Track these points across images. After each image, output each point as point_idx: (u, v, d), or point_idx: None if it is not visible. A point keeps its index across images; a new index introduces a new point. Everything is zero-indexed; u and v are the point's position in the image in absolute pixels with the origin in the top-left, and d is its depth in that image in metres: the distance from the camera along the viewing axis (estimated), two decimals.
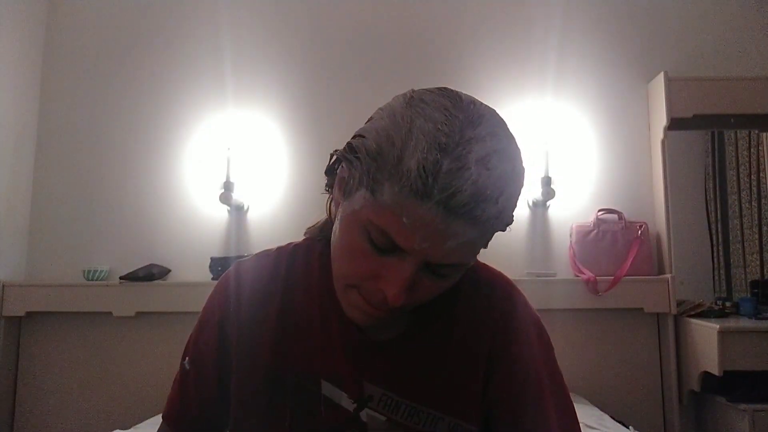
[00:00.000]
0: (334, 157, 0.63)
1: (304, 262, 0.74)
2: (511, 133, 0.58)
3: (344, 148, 0.60)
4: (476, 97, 0.59)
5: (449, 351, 0.69)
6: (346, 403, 0.67)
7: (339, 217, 0.61)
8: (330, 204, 0.70)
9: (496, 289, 0.72)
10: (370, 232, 0.56)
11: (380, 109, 0.60)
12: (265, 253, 0.77)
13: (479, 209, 0.52)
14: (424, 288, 0.59)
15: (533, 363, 0.69)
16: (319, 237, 0.75)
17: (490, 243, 0.60)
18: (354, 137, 0.59)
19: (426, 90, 0.58)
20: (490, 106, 0.59)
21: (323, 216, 0.74)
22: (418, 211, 0.52)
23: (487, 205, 0.53)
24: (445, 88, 0.59)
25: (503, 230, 0.60)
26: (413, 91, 0.59)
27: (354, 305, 0.62)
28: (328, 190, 0.68)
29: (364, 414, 0.66)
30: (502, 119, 0.58)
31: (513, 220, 0.60)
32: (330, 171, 0.65)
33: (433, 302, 0.68)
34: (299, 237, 0.79)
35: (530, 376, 0.68)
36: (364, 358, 0.68)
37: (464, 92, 0.59)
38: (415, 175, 0.51)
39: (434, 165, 0.51)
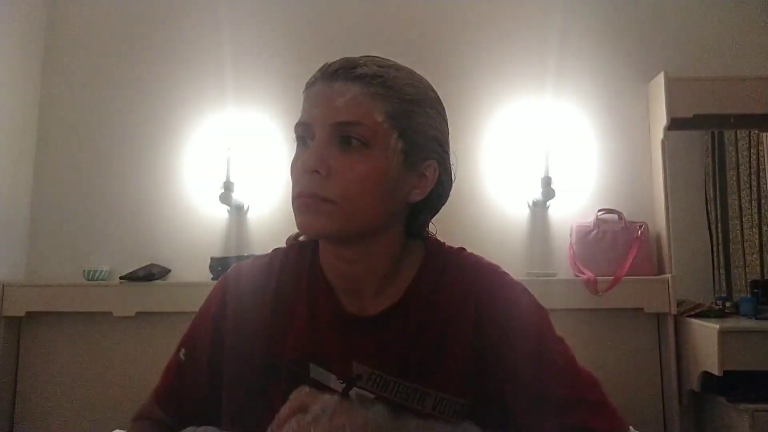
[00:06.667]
0: None
1: (297, 258, 0.78)
2: (418, 75, 0.77)
3: None
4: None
5: (435, 326, 0.71)
6: (335, 384, 0.69)
7: None
8: None
9: (481, 265, 0.75)
10: (297, 133, 0.71)
11: None
12: (262, 255, 0.82)
13: (353, 70, 0.67)
14: (341, 164, 0.66)
15: (526, 326, 0.70)
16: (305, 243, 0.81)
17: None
18: None
19: None
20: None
21: None
22: (311, 91, 0.70)
23: (362, 67, 0.67)
24: None
25: (418, 113, 0.70)
26: None
27: (298, 210, 0.70)
28: None
29: (353, 393, 0.68)
30: (418, 75, 0.76)
31: (427, 102, 0.73)
32: None
33: (418, 278, 0.72)
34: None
35: (524, 336, 0.70)
36: (351, 337, 0.70)
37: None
38: (311, 78, 0.71)
39: (323, 66, 0.70)
